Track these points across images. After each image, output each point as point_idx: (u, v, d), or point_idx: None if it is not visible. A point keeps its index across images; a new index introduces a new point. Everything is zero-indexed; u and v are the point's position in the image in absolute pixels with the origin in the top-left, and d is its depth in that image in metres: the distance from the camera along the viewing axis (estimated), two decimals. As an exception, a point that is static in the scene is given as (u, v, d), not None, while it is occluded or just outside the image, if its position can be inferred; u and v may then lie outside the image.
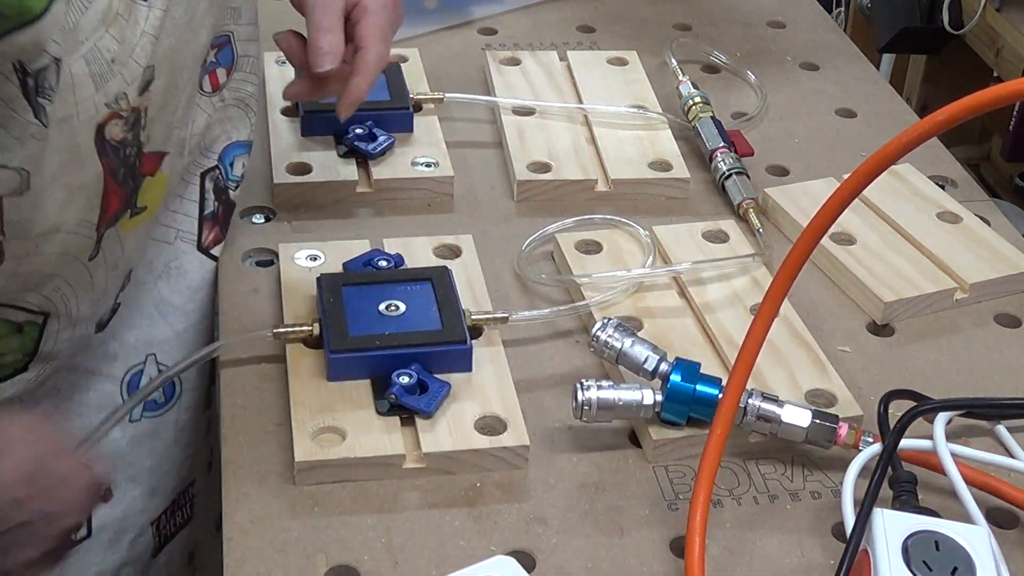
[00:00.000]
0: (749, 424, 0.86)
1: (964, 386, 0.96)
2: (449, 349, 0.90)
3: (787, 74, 1.37)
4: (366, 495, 0.84)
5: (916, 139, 0.72)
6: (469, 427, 0.86)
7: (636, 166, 1.15)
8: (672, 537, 0.82)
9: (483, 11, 1.43)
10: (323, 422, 0.86)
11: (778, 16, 1.48)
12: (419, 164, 1.13)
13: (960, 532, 0.73)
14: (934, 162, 1.22)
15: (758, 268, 1.04)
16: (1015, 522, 0.85)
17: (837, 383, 0.92)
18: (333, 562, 0.79)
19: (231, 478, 0.84)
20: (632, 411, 0.87)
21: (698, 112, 1.20)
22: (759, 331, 0.80)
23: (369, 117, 1.14)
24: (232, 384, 0.92)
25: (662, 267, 1.03)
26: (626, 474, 0.87)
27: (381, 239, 1.04)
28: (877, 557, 0.71)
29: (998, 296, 1.05)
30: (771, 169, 1.21)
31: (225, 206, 1.05)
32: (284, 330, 0.92)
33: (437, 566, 0.79)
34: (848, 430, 0.86)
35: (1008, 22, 1.54)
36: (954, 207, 1.12)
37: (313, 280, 0.97)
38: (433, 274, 0.97)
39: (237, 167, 1.05)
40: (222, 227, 1.05)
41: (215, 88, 1.00)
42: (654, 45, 1.37)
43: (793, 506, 0.85)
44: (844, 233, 1.08)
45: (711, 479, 0.80)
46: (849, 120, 1.30)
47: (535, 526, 0.82)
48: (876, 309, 1.01)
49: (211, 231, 1.04)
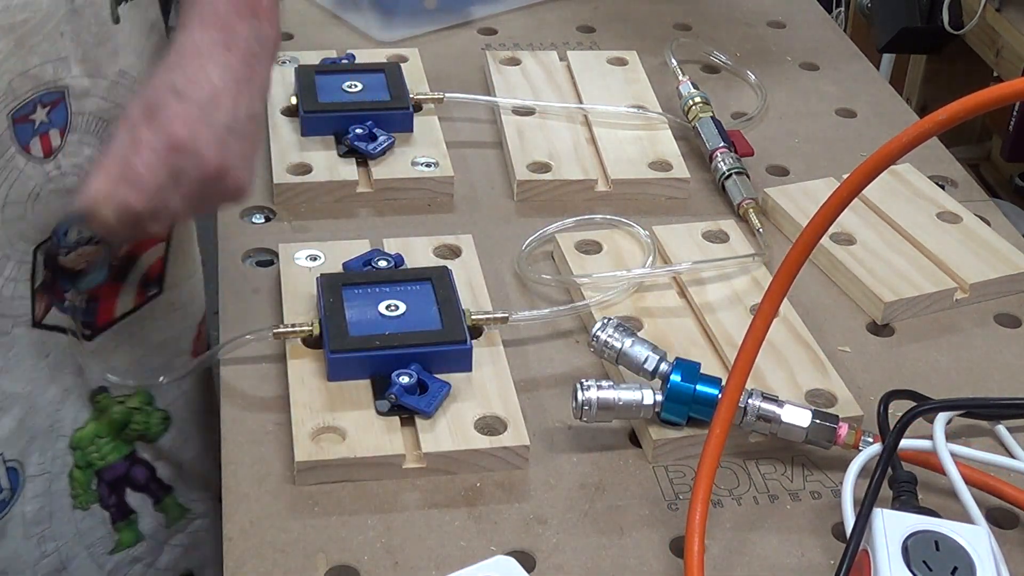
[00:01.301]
0: (749, 424, 0.86)
1: (964, 386, 0.96)
2: (449, 349, 0.90)
3: (787, 74, 1.37)
4: (366, 495, 0.84)
5: (916, 139, 0.72)
6: (469, 427, 0.86)
7: (636, 166, 1.15)
8: (672, 537, 0.82)
9: (483, 11, 1.43)
10: (323, 422, 0.86)
11: (778, 16, 1.48)
12: (419, 164, 1.13)
13: (960, 532, 0.73)
14: (934, 162, 1.22)
15: (758, 268, 1.04)
16: (1015, 522, 0.85)
17: (837, 383, 0.92)
18: (333, 562, 0.79)
19: (231, 478, 0.84)
20: (632, 411, 0.87)
21: (698, 112, 1.20)
22: (759, 330, 0.80)
23: (369, 117, 1.14)
24: (232, 384, 0.92)
25: (662, 267, 1.03)
26: (626, 474, 0.87)
27: (381, 239, 1.04)
28: (877, 557, 0.72)
29: (998, 296, 1.05)
30: (771, 169, 1.21)
31: (55, 271, 0.95)
32: (284, 330, 0.92)
33: (437, 566, 0.79)
34: (848, 430, 0.86)
35: (1008, 22, 1.54)
36: (954, 207, 1.12)
37: (313, 280, 0.97)
38: (433, 274, 0.97)
39: (72, 232, 0.94)
40: (54, 294, 0.96)
41: (47, 153, 0.91)
42: (654, 45, 1.37)
43: (793, 506, 0.85)
44: (844, 233, 1.08)
45: (710, 478, 0.80)
46: (849, 120, 1.30)
47: (535, 526, 0.82)
48: (876, 309, 1.01)
49: (43, 300, 0.96)
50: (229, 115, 0.82)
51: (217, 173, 0.81)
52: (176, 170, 0.80)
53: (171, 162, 0.80)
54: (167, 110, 0.80)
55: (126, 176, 0.80)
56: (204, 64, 0.82)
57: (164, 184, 0.80)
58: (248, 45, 0.84)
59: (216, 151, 0.81)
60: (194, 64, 0.82)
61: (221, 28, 0.83)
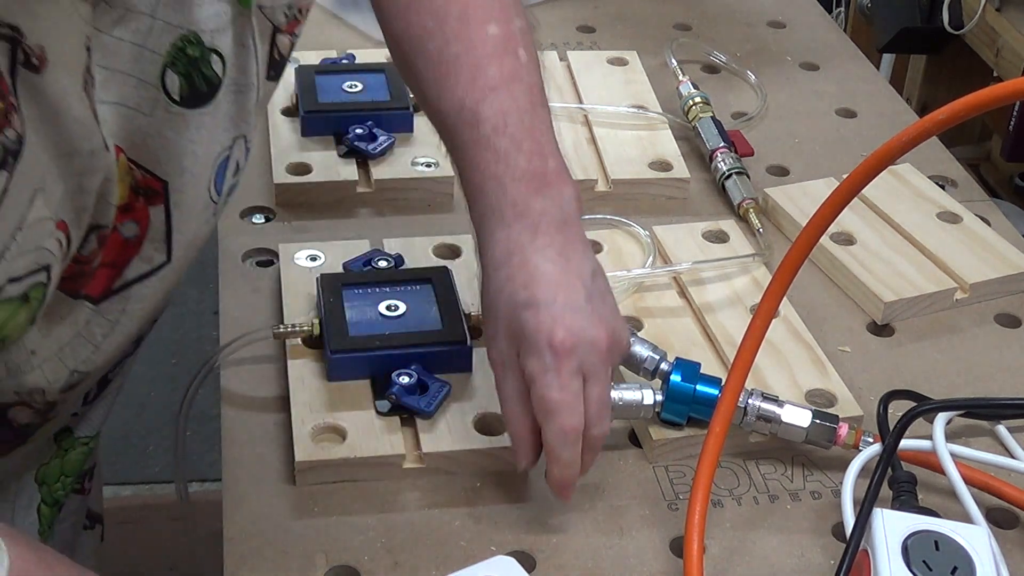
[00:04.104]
0: (749, 424, 0.86)
1: (964, 386, 0.96)
2: (449, 349, 0.90)
3: (787, 74, 1.37)
4: (366, 495, 0.84)
5: (916, 138, 0.72)
6: (469, 427, 0.86)
7: (636, 166, 1.15)
8: (672, 537, 0.82)
9: (483, 11, 1.43)
10: (323, 422, 0.86)
11: (778, 16, 1.48)
12: (419, 164, 1.13)
13: (960, 532, 0.73)
14: (934, 162, 1.22)
15: (758, 268, 1.04)
16: (1015, 522, 0.85)
17: (837, 383, 0.92)
18: (333, 562, 0.79)
19: (231, 478, 0.84)
20: (632, 411, 0.87)
21: (698, 112, 1.20)
22: (758, 329, 0.80)
23: (369, 117, 1.14)
24: (232, 384, 0.92)
25: (662, 267, 1.03)
26: (626, 474, 0.87)
27: (381, 239, 1.04)
28: (877, 557, 0.71)
29: (998, 296, 1.05)
30: (771, 169, 1.21)
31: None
32: (284, 330, 0.92)
33: (437, 566, 0.79)
34: (848, 430, 0.86)
35: (1008, 22, 1.53)
36: (954, 207, 1.12)
37: (313, 280, 0.97)
38: (433, 274, 0.97)
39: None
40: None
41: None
42: (654, 45, 1.37)
43: (793, 506, 0.85)
44: (844, 233, 1.08)
45: (710, 478, 0.80)
46: (849, 120, 1.30)
47: (535, 526, 0.82)
48: (876, 309, 1.01)
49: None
50: (579, 288, 0.79)
51: (610, 344, 0.79)
52: (578, 368, 0.77)
53: (570, 367, 0.77)
54: (529, 327, 0.77)
55: (551, 411, 0.77)
56: (526, 261, 0.79)
57: (580, 388, 0.77)
58: (552, 217, 0.80)
59: (597, 327, 0.78)
60: (520, 270, 0.79)
61: (520, 217, 0.80)
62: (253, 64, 0.78)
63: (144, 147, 0.72)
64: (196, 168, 0.76)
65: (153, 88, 0.71)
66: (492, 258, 0.81)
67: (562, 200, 0.82)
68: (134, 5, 0.68)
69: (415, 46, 0.85)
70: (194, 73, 0.73)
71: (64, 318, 0.75)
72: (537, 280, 0.78)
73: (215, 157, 0.77)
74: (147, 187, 0.74)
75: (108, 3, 0.67)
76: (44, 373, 0.76)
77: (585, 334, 0.77)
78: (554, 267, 0.79)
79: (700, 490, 0.79)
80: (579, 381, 0.78)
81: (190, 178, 0.75)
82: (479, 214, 0.83)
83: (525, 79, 0.84)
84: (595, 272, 0.81)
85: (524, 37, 0.86)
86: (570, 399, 0.77)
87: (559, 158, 0.84)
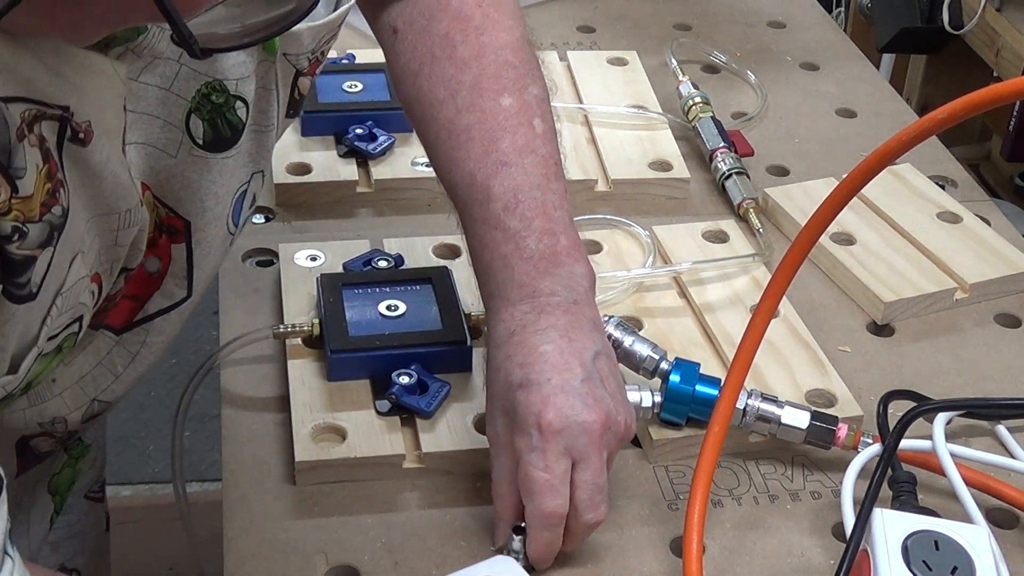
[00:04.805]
0: (749, 425, 0.86)
1: (964, 386, 0.96)
2: (449, 349, 0.90)
3: (787, 74, 1.37)
4: (366, 495, 0.83)
5: (916, 137, 0.72)
6: (469, 427, 0.86)
7: (636, 166, 1.15)
8: (672, 537, 0.82)
9: (483, 11, 1.43)
10: (323, 422, 0.86)
11: (778, 16, 1.48)
12: (419, 164, 1.13)
13: (960, 532, 0.73)
14: (934, 162, 1.22)
15: (758, 268, 1.04)
16: (1015, 522, 0.85)
17: (837, 383, 0.92)
18: (333, 562, 0.79)
19: (231, 478, 0.84)
20: (632, 411, 0.87)
21: (698, 112, 1.20)
22: (757, 329, 0.80)
23: (369, 117, 1.14)
24: (232, 384, 0.92)
25: (662, 267, 1.03)
26: (626, 474, 0.87)
27: (381, 239, 1.04)
28: (877, 557, 0.72)
29: (998, 296, 1.05)
30: (771, 169, 1.21)
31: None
32: (284, 330, 0.92)
33: (437, 566, 0.79)
34: (847, 431, 0.85)
35: (1008, 22, 1.53)
36: (954, 207, 1.12)
37: (313, 280, 0.97)
38: (433, 274, 0.97)
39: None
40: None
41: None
42: (654, 45, 1.37)
43: (793, 506, 0.85)
44: (844, 233, 1.08)
45: (709, 477, 0.79)
46: (849, 120, 1.30)
47: (535, 526, 0.82)
48: (876, 309, 1.01)
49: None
50: (577, 370, 0.76)
51: (604, 428, 0.76)
52: (565, 451, 0.75)
53: (556, 448, 0.75)
54: (520, 406, 0.76)
55: (533, 491, 0.75)
56: (526, 341, 0.77)
57: (567, 470, 0.75)
58: (560, 298, 0.79)
59: (591, 409, 0.75)
60: (518, 349, 0.77)
61: (527, 297, 0.79)
62: (275, 107, 0.78)
63: (168, 187, 0.72)
64: (217, 208, 0.76)
65: (178, 131, 0.71)
66: (495, 336, 0.80)
67: (572, 279, 0.80)
68: (161, 52, 0.68)
69: (427, 113, 0.84)
70: (218, 119, 0.73)
71: (86, 347, 0.75)
72: (534, 360, 0.77)
73: (234, 194, 0.77)
74: (170, 225, 0.74)
75: (137, 54, 0.67)
76: (65, 401, 0.76)
77: (576, 416, 0.75)
78: (553, 348, 0.77)
79: (700, 490, 0.79)
80: (566, 463, 0.75)
81: (211, 217, 0.76)
82: (488, 293, 0.82)
83: (540, 150, 0.82)
84: (599, 354, 0.79)
85: (540, 105, 0.84)
86: (554, 481, 0.75)
87: (572, 235, 0.82)
